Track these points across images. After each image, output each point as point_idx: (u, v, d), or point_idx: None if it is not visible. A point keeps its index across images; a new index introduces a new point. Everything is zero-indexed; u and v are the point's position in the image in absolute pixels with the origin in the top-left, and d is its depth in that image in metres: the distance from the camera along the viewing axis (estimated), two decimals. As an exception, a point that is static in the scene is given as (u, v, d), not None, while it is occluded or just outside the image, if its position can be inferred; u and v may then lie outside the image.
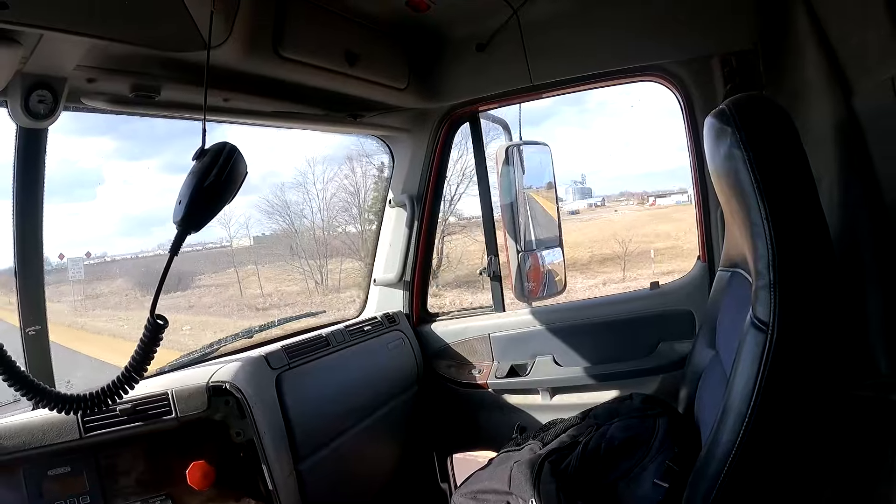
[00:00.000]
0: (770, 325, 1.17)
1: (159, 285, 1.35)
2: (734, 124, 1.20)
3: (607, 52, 2.19)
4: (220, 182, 1.31)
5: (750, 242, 1.21)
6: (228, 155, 1.32)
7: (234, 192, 1.36)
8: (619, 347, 2.34)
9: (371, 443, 2.26)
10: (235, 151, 1.33)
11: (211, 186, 1.30)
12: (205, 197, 1.31)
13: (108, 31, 1.31)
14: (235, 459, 1.73)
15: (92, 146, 10.49)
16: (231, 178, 1.33)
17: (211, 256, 13.70)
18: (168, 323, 1.35)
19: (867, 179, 1.35)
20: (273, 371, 1.88)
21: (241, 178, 1.36)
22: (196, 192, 1.30)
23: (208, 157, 1.32)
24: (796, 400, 1.23)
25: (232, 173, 1.33)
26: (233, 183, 1.34)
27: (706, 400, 1.66)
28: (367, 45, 2.03)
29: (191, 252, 11.65)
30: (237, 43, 1.58)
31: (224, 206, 1.35)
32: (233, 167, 1.33)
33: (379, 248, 2.71)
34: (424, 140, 2.57)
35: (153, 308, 1.34)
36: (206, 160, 1.32)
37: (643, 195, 21.52)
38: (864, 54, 1.38)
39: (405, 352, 2.52)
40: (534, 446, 1.73)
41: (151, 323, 1.33)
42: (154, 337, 1.34)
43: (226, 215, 12.84)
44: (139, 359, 1.36)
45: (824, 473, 1.42)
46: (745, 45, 2.02)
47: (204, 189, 1.30)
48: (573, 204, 21.27)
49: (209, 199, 1.32)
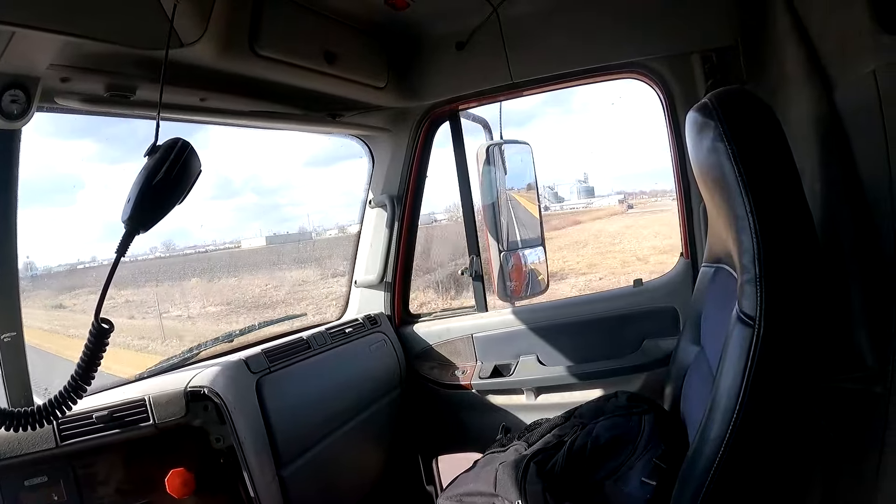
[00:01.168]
0: (756, 320, 1.16)
1: (104, 288, 1.27)
2: (717, 118, 1.19)
3: (588, 49, 2.19)
4: (171, 179, 1.24)
5: (734, 236, 1.20)
6: (180, 151, 1.26)
7: (187, 190, 1.29)
8: (604, 346, 2.33)
9: (355, 446, 2.24)
10: (188, 147, 1.27)
11: (160, 184, 1.24)
12: (154, 195, 1.25)
13: (80, 28, 1.27)
14: (215, 466, 1.71)
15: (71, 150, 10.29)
16: (183, 176, 1.26)
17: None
18: (114, 327, 1.28)
19: (848, 174, 1.35)
20: (253, 375, 1.85)
21: (195, 176, 1.30)
22: (145, 189, 1.24)
23: (159, 153, 1.26)
24: (784, 393, 1.22)
25: (184, 170, 1.26)
26: (185, 181, 1.27)
27: (692, 396, 1.65)
28: (345, 43, 2.01)
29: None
30: (212, 40, 1.55)
31: (175, 204, 1.28)
32: (185, 164, 1.26)
33: (359, 249, 2.68)
34: (404, 139, 2.55)
35: (98, 312, 1.26)
36: (157, 156, 1.25)
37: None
38: (844, 49, 1.38)
39: (387, 353, 2.50)
40: (519, 447, 1.72)
41: (96, 328, 1.26)
42: (99, 343, 1.27)
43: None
44: (85, 367, 1.28)
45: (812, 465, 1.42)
46: (726, 42, 2.03)
47: (153, 187, 1.24)
48: (604, 200, 21.52)
49: (159, 197, 1.26)
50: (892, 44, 1.20)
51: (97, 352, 1.28)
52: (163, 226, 1.27)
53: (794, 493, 1.39)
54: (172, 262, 9.69)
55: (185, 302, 8.38)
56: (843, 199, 1.37)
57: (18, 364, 1.56)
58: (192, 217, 1.61)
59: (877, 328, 1.27)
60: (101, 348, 1.28)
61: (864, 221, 1.31)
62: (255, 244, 14.23)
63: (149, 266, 6.41)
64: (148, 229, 1.28)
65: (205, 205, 5.19)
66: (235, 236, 13.00)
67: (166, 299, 7.64)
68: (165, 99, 1.68)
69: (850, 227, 1.35)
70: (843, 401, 1.35)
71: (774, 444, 1.27)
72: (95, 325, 1.27)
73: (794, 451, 1.30)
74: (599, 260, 14.29)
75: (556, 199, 21.94)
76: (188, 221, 1.63)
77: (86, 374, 1.29)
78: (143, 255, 6.57)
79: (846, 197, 1.36)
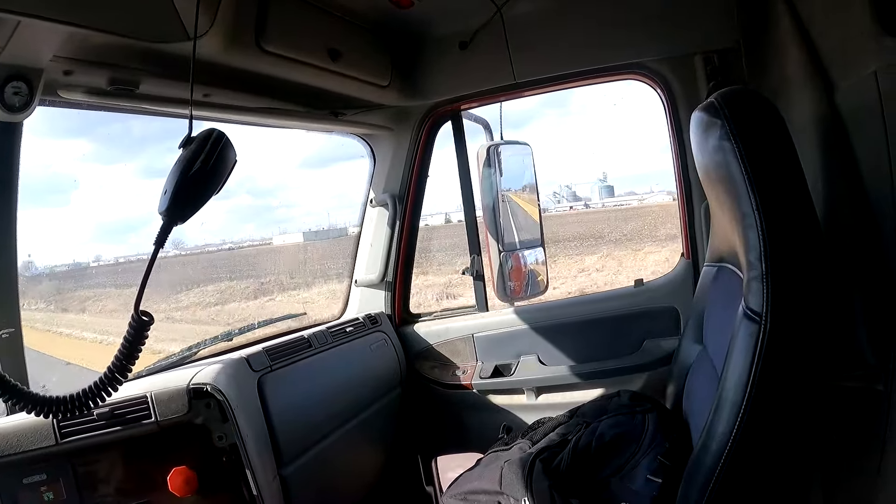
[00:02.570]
0: (763, 316, 1.17)
1: (143, 280, 1.26)
2: (724, 116, 1.21)
3: (590, 50, 2.20)
4: (207, 170, 1.23)
5: (741, 234, 1.22)
6: (216, 142, 1.25)
7: (223, 180, 1.29)
8: (605, 345, 2.34)
9: (355, 446, 2.23)
10: (223, 138, 1.27)
11: (197, 175, 1.23)
12: (191, 186, 1.24)
13: (87, 18, 1.27)
14: (218, 464, 1.68)
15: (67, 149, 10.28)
16: (219, 166, 1.26)
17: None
18: (153, 319, 1.27)
19: (849, 174, 1.37)
20: (255, 373, 1.84)
21: (231, 166, 1.29)
22: (181, 180, 1.23)
23: (195, 145, 1.25)
24: (790, 389, 1.24)
25: (220, 161, 1.25)
26: (221, 171, 1.27)
27: (695, 395, 1.66)
28: (349, 41, 2.02)
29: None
30: (219, 35, 1.56)
31: (211, 195, 1.27)
32: (220, 154, 1.25)
33: (360, 248, 2.67)
34: (406, 138, 2.55)
35: (137, 304, 1.26)
36: (192, 147, 1.25)
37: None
38: (845, 50, 1.40)
39: (388, 353, 2.50)
40: (523, 445, 1.72)
41: (136, 320, 1.26)
42: (139, 335, 1.27)
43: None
44: (123, 358, 1.28)
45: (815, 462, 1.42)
46: (728, 43, 2.04)
47: (189, 178, 1.23)
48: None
49: (195, 188, 1.25)
50: (894, 45, 1.21)
51: (137, 343, 1.28)
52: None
53: (798, 488, 1.41)
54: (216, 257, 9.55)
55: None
56: (844, 199, 1.39)
57: (16, 361, 1.55)
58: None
59: (878, 327, 1.28)
60: (141, 340, 1.28)
61: (865, 221, 1.32)
62: (288, 241, 14.06)
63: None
64: (185, 220, 1.27)
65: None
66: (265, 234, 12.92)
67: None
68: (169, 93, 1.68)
69: (851, 226, 1.36)
70: (845, 399, 1.36)
71: (780, 440, 1.28)
72: (136, 317, 1.26)
73: (799, 448, 1.32)
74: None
75: (574, 199, 22.08)
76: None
77: (124, 365, 1.28)
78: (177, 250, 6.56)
79: (847, 197, 1.37)
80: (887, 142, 1.22)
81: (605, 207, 23.33)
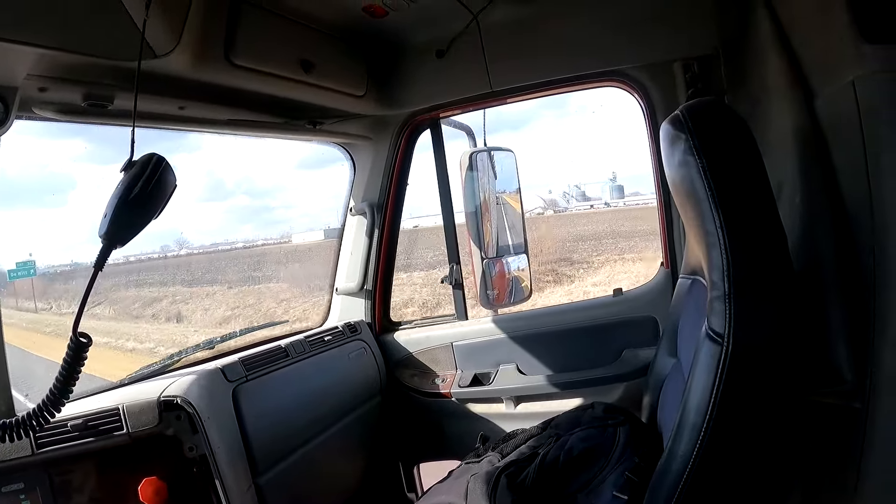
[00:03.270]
0: (725, 337, 1.15)
1: (82, 302, 1.28)
2: (688, 130, 1.18)
3: (568, 57, 2.18)
4: (146, 194, 1.26)
5: (705, 252, 1.20)
6: (156, 166, 1.27)
7: (163, 205, 1.31)
8: (583, 355, 2.33)
9: (334, 454, 2.23)
10: (163, 162, 1.28)
11: (136, 199, 1.25)
12: (130, 210, 1.26)
13: (56, 40, 1.28)
14: (188, 475, 1.70)
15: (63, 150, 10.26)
16: (158, 191, 1.28)
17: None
18: (91, 341, 1.27)
19: (828, 185, 1.35)
20: (230, 384, 1.85)
21: (171, 191, 1.31)
22: (121, 204, 1.25)
23: (136, 168, 1.27)
24: (753, 411, 1.22)
25: (159, 185, 1.28)
26: (160, 195, 1.29)
27: (668, 407, 1.65)
28: (322, 52, 2.01)
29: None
30: (186, 51, 1.55)
31: (151, 219, 1.30)
32: (160, 178, 1.28)
33: (340, 256, 2.67)
34: (385, 147, 2.55)
35: (76, 326, 1.26)
36: (133, 171, 1.27)
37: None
38: (825, 58, 1.38)
39: (367, 361, 2.50)
40: (492, 458, 1.71)
41: (74, 342, 1.26)
42: (77, 357, 1.27)
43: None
44: (63, 381, 1.28)
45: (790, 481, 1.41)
46: (707, 50, 2.02)
47: (129, 202, 1.25)
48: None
49: (135, 212, 1.27)
50: (873, 53, 1.20)
51: (75, 365, 1.27)
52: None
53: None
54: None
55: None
56: (822, 210, 1.36)
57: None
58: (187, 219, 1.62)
59: (855, 344, 1.26)
60: (80, 362, 1.28)
61: (843, 234, 1.30)
62: (308, 239, 13.92)
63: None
64: (125, 244, 1.29)
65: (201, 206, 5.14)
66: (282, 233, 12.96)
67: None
68: (144, 108, 1.68)
69: (829, 239, 1.34)
70: (823, 415, 1.34)
71: (744, 460, 1.27)
72: (73, 339, 1.26)
73: (767, 467, 1.30)
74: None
75: (584, 199, 22.14)
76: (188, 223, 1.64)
77: (64, 387, 1.28)
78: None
79: (826, 209, 1.35)
80: (865, 151, 1.21)
81: (626, 206, 23.40)
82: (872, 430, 1.22)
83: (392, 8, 1.97)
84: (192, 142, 12.74)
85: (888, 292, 1.18)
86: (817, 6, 1.40)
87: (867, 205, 1.21)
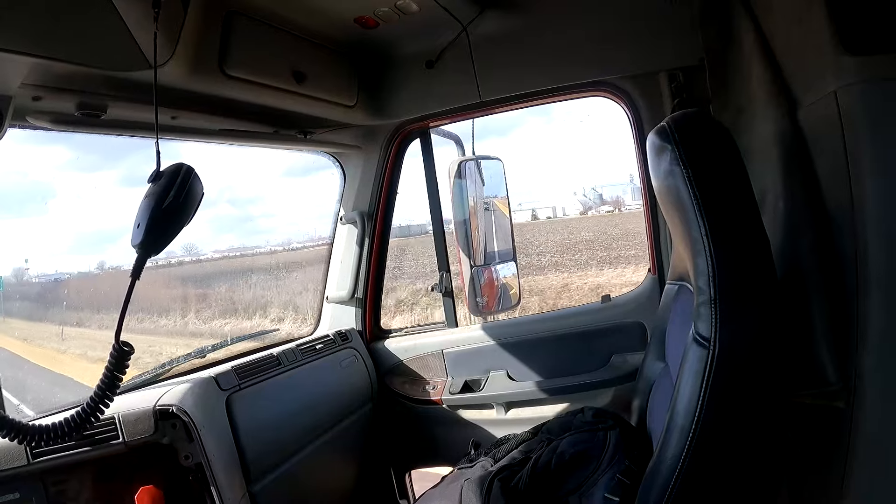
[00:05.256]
0: (711, 342, 1.17)
1: (122, 311, 1.32)
2: (673, 141, 1.21)
3: (556, 67, 2.21)
4: (179, 203, 1.31)
5: (691, 259, 1.22)
6: (185, 176, 1.32)
7: (193, 212, 1.35)
8: (573, 361, 2.35)
9: (326, 461, 2.24)
10: (192, 172, 1.33)
11: (169, 208, 1.30)
12: (164, 219, 1.31)
13: (51, 50, 1.29)
14: (185, 483, 1.70)
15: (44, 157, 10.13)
16: (189, 199, 1.33)
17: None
18: (133, 350, 1.31)
19: (811, 194, 1.37)
20: (223, 392, 1.85)
21: (199, 198, 1.36)
22: (155, 214, 1.29)
23: (165, 179, 1.32)
24: (740, 413, 1.24)
25: (189, 194, 1.33)
26: (191, 203, 1.34)
27: (657, 412, 1.67)
28: (314, 62, 2.02)
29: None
30: (181, 62, 1.56)
31: (183, 227, 1.34)
32: (190, 188, 1.33)
33: (331, 265, 2.68)
34: (375, 156, 2.57)
35: (118, 334, 1.30)
36: (162, 182, 1.31)
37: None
38: (807, 70, 1.40)
39: (358, 369, 2.50)
40: (485, 463, 1.73)
41: (117, 350, 1.30)
42: (120, 364, 1.31)
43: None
44: (105, 388, 1.32)
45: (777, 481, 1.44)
46: (692, 61, 2.04)
47: (162, 211, 1.30)
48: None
49: (168, 221, 1.32)
50: (853, 65, 1.22)
51: (118, 373, 1.32)
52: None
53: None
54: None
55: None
56: (805, 218, 1.38)
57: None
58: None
59: (839, 345, 1.28)
60: (122, 370, 1.32)
61: (825, 239, 1.32)
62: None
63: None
64: (159, 252, 1.34)
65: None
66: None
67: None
68: (137, 117, 1.70)
69: (812, 245, 1.36)
70: (807, 416, 1.36)
71: (733, 462, 1.29)
72: (116, 347, 1.30)
73: (755, 468, 1.32)
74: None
75: (600, 201, 22.08)
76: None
77: (105, 395, 1.32)
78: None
79: (809, 216, 1.37)
80: (846, 159, 1.23)
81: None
82: (856, 430, 1.24)
83: (383, 19, 1.99)
84: (173, 149, 12.76)
85: (869, 295, 1.21)
86: (799, 18, 1.42)
87: (848, 210, 1.23)
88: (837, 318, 1.29)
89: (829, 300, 1.32)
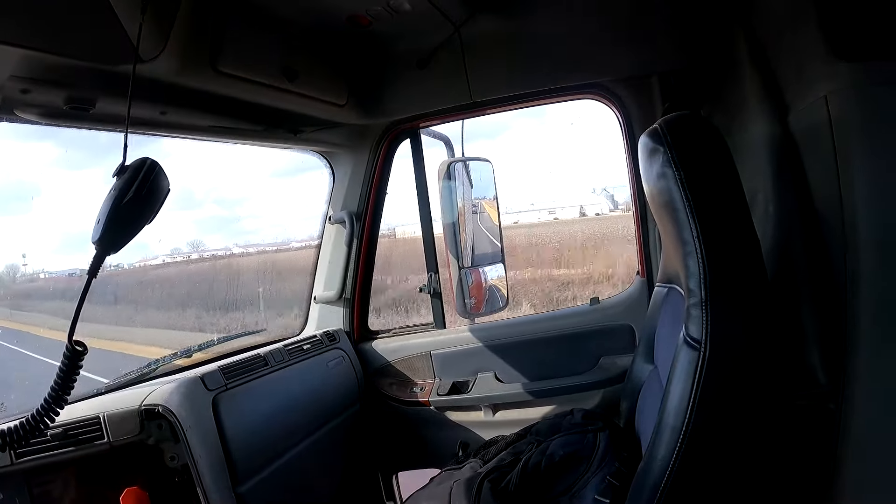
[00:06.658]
0: (702, 343, 1.19)
1: (77, 310, 1.25)
2: (666, 143, 1.22)
3: (547, 69, 2.20)
4: (140, 199, 1.24)
5: (682, 261, 1.23)
6: (149, 171, 1.26)
7: (156, 209, 1.29)
8: (561, 363, 2.35)
9: (313, 462, 2.22)
10: (156, 167, 1.27)
11: (130, 204, 1.23)
12: (124, 215, 1.24)
13: (41, 42, 1.27)
14: (170, 484, 1.69)
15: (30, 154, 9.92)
16: (151, 196, 1.26)
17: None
18: (87, 350, 1.25)
19: (801, 197, 1.39)
20: (210, 392, 1.83)
21: (164, 195, 1.29)
22: (114, 210, 1.23)
23: (128, 173, 1.25)
24: (730, 414, 1.25)
25: (153, 190, 1.26)
26: (153, 200, 1.27)
27: (646, 414, 1.68)
28: (306, 60, 2.01)
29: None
30: (172, 56, 1.54)
31: (145, 224, 1.28)
32: (153, 183, 1.26)
33: (319, 265, 2.67)
34: (364, 156, 2.56)
35: (71, 334, 1.24)
36: (126, 176, 1.25)
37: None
38: (799, 74, 1.42)
39: (346, 370, 2.49)
40: (474, 465, 1.72)
41: (70, 350, 1.24)
42: (73, 365, 1.25)
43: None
44: (58, 389, 1.26)
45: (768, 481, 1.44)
46: (684, 65, 2.06)
47: (122, 207, 1.23)
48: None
49: (128, 217, 1.25)
50: (844, 70, 1.24)
51: (71, 374, 1.25)
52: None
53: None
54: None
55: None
56: (796, 221, 1.40)
57: None
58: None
59: (829, 347, 1.30)
60: (75, 371, 1.26)
61: (816, 243, 1.34)
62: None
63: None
64: (118, 250, 1.27)
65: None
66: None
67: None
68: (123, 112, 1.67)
69: (802, 248, 1.38)
70: (798, 417, 1.38)
71: (724, 462, 1.30)
72: (69, 347, 1.24)
73: (745, 469, 1.33)
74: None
75: (613, 202, 22.04)
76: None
77: (59, 396, 1.26)
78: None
79: (799, 219, 1.39)
80: (836, 161, 1.25)
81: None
82: (847, 430, 1.26)
83: (375, 18, 1.98)
84: (165, 146, 12.46)
85: (859, 296, 1.22)
86: (790, 24, 1.44)
87: (838, 212, 1.25)
88: (827, 320, 1.31)
89: (818, 301, 1.33)
